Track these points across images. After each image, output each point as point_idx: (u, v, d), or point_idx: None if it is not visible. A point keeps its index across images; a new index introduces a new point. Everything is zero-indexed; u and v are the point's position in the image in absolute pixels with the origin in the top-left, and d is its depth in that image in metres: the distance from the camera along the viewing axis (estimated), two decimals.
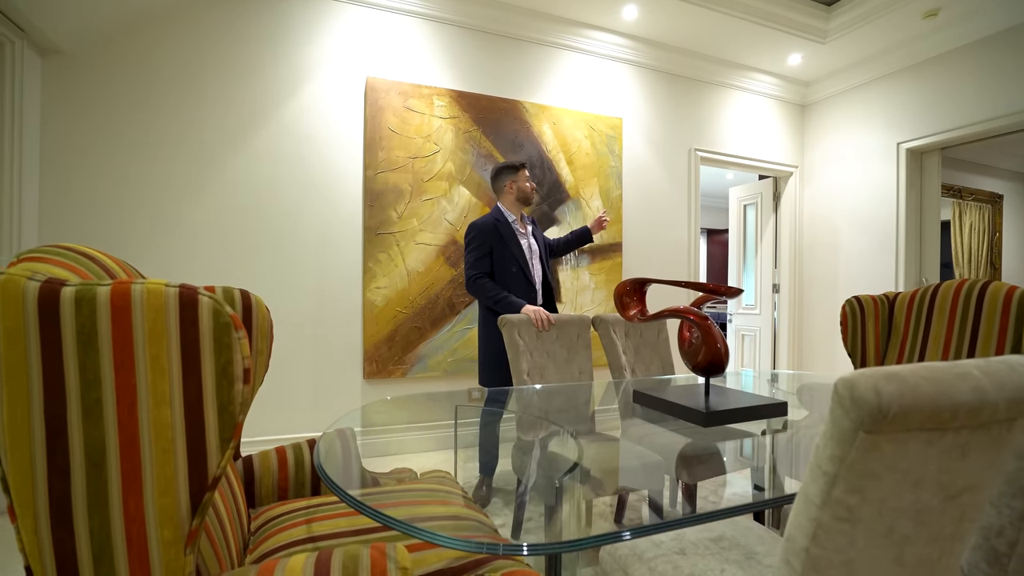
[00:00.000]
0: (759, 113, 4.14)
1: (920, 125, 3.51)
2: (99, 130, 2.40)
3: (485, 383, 2.34)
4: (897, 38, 3.44)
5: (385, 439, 2.90)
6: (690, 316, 1.32)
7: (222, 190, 2.59)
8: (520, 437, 1.72)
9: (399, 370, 2.88)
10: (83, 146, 2.38)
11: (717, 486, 1.13)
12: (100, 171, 2.41)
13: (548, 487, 1.53)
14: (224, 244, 2.59)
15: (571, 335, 2.09)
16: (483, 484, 2.26)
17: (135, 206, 2.45)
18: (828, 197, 4.12)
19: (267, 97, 2.68)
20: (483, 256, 2.26)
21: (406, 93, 2.90)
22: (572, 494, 1.17)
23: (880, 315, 2.24)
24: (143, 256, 2.46)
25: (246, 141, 2.64)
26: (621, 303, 1.47)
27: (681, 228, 3.80)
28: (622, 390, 2.03)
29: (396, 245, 2.88)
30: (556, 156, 3.29)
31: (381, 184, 2.84)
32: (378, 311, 2.83)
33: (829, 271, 4.10)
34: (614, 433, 1.93)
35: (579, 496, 1.18)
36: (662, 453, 1.63)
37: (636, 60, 3.60)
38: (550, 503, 1.29)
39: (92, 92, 2.40)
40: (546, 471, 1.57)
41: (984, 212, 5.89)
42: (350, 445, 1.39)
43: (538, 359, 1.99)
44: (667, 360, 2.24)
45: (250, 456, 1.31)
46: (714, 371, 1.36)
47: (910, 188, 3.59)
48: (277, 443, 2.67)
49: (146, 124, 2.47)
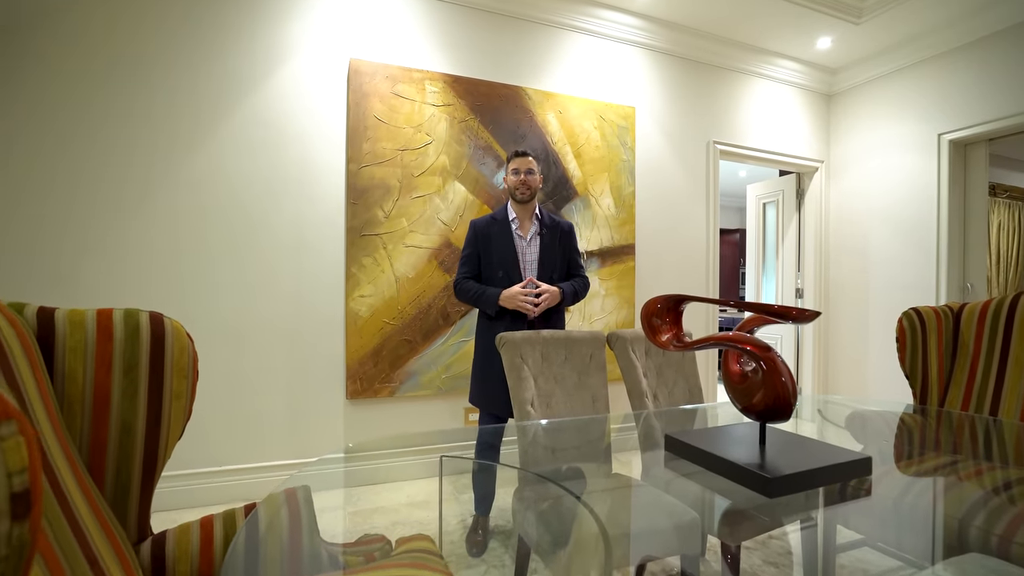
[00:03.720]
0: (782, 104, 3.80)
1: (965, 114, 3.17)
2: (29, 121, 2.09)
3: (475, 400, 2.04)
4: (942, 16, 3.10)
5: (373, 465, 2.59)
6: (746, 347, 1.00)
7: (180, 189, 2.28)
8: (520, 497, 1.41)
9: (386, 388, 2.56)
10: (6, 140, 2.07)
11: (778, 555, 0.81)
12: (30, 170, 2.09)
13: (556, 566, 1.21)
14: (183, 250, 2.28)
15: (582, 356, 1.77)
16: (478, 526, 1.95)
17: (74, 209, 2.14)
18: (858, 195, 3.78)
19: (234, 82, 2.36)
20: (472, 258, 2.01)
21: (394, 77, 2.59)
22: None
23: (944, 330, 1.91)
24: (83, 268, 2.14)
25: (209, 133, 2.32)
26: (650, 326, 1.15)
27: (699, 228, 3.47)
28: (643, 422, 1.71)
29: (383, 248, 2.56)
30: (562, 149, 2.97)
31: (366, 179, 2.53)
32: (362, 322, 2.52)
33: (858, 276, 3.77)
34: (634, 474, 1.61)
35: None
36: (697, 505, 1.32)
37: (650, 44, 3.27)
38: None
39: (22, 76, 2.08)
40: (553, 542, 1.25)
41: (1016, 211, 5.53)
42: (301, 512, 1.08)
43: (544, 386, 1.67)
44: (694, 383, 1.92)
45: (163, 534, 1.00)
46: (776, 417, 1.04)
47: (953, 184, 3.25)
48: (246, 474, 2.36)
49: (89, 112, 2.16)
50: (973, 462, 1.42)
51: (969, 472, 1.35)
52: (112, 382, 0.92)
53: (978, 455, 1.50)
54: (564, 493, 1.38)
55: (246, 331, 2.37)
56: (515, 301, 1.88)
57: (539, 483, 1.47)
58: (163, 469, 1.00)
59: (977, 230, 3.26)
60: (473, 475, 2.13)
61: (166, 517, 2.20)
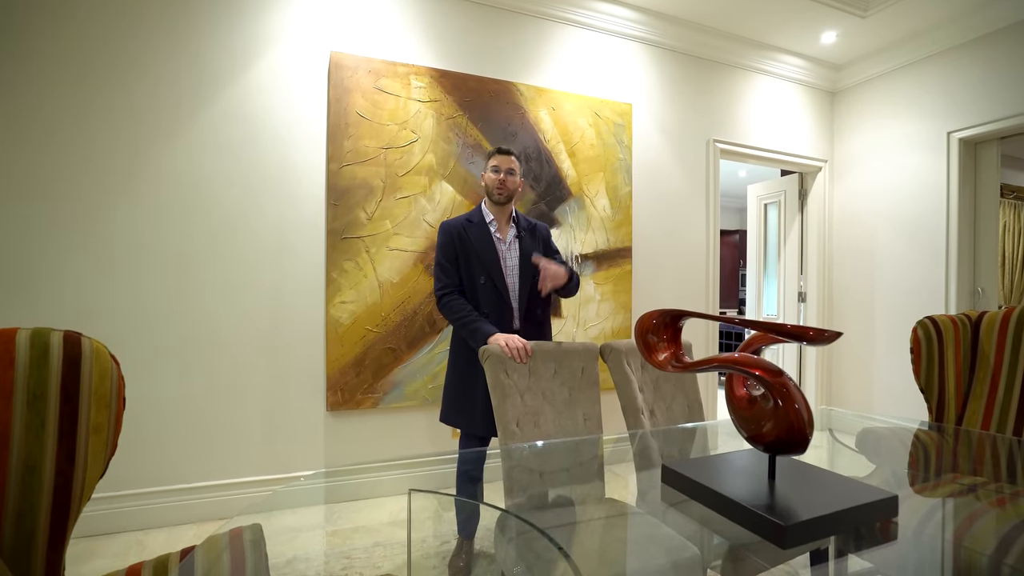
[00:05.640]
0: (784, 101, 3.68)
1: (975, 111, 3.04)
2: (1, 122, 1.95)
3: (449, 419, 1.90)
4: (952, 9, 2.97)
5: (355, 481, 2.46)
6: (754, 371, 0.87)
7: (149, 190, 2.14)
8: (503, 526, 1.28)
9: (369, 399, 2.43)
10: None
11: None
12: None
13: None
14: (151, 255, 2.14)
15: (573, 370, 1.64)
16: (462, 549, 1.81)
17: (34, 213, 2.00)
18: (863, 195, 3.65)
19: (208, 77, 2.23)
20: (451, 265, 1.83)
21: (378, 72, 2.45)
22: None
23: (962, 341, 1.78)
24: (42, 275, 2.00)
25: (181, 130, 2.19)
26: (646, 344, 1.02)
27: (698, 230, 3.34)
28: (638, 441, 1.58)
29: (365, 251, 2.43)
30: (556, 147, 2.84)
31: (348, 179, 2.39)
32: (344, 330, 2.38)
33: (863, 279, 3.64)
34: (630, 491, 1.48)
35: None
36: (697, 536, 1.19)
37: (648, 38, 3.14)
38: None
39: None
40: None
41: (1021, 212, 5.41)
42: (246, 559, 0.94)
43: (531, 403, 1.54)
44: (694, 398, 1.79)
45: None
46: (788, 450, 0.91)
47: (963, 184, 3.12)
48: (219, 491, 2.23)
49: (46, 107, 2.02)
50: (995, 486, 1.30)
51: (992, 500, 1.22)
52: (13, 415, 0.79)
53: (1000, 478, 1.37)
54: (552, 527, 1.25)
55: (220, 339, 2.23)
56: (505, 346, 1.60)
57: (527, 511, 1.34)
58: (80, 511, 0.87)
59: (988, 232, 3.14)
60: (457, 486, 1.99)
61: (131, 538, 2.07)
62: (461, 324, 1.78)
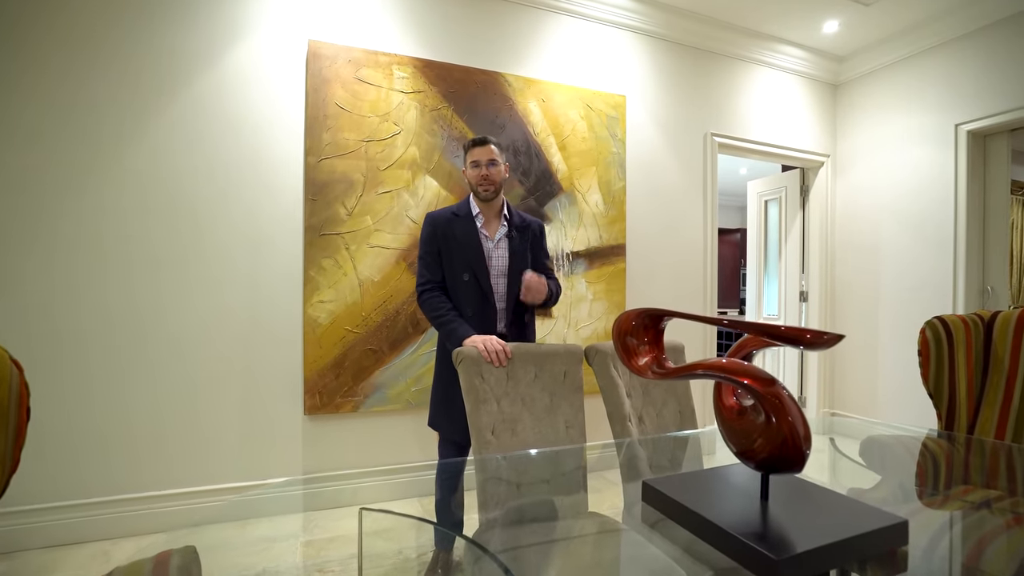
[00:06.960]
0: (785, 94, 3.56)
1: (985, 102, 2.92)
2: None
3: (435, 423, 1.80)
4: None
5: (334, 487, 2.35)
6: (743, 380, 0.76)
7: (113, 186, 2.04)
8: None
9: (349, 403, 2.32)
10: None
11: None
12: None
13: None
14: (116, 254, 2.04)
15: (555, 373, 1.53)
16: (438, 562, 1.70)
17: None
18: (866, 191, 3.53)
19: (179, 66, 2.12)
20: (433, 260, 1.72)
21: (358, 61, 2.35)
22: None
23: (973, 342, 1.67)
24: (3, 275, 1.90)
25: (149, 123, 2.08)
26: (625, 347, 0.91)
27: (695, 226, 3.22)
28: (625, 450, 1.47)
29: (345, 249, 2.32)
30: (546, 140, 2.72)
31: (326, 173, 2.29)
32: (322, 331, 2.28)
33: (867, 274, 3.52)
34: (616, 502, 1.38)
35: None
36: (686, 558, 1.08)
37: (643, 27, 3.03)
38: None
39: None
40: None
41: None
42: None
43: (508, 409, 1.43)
44: (686, 404, 1.68)
45: None
46: (782, 468, 0.80)
47: (972, 178, 2.99)
48: (191, 498, 2.13)
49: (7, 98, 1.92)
50: (1010, 502, 1.18)
51: (1008, 518, 1.10)
52: None
53: (1016, 492, 1.26)
54: (528, 545, 1.15)
55: (193, 340, 2.13)
56: (482, 349, 1.50)
57: (502, 527, 1.23)
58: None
59: (997, 228, 3.01)
60: (436, 503, 1.89)
61: (97, 548, 1.97)
62: (438, 323, 1.68)
